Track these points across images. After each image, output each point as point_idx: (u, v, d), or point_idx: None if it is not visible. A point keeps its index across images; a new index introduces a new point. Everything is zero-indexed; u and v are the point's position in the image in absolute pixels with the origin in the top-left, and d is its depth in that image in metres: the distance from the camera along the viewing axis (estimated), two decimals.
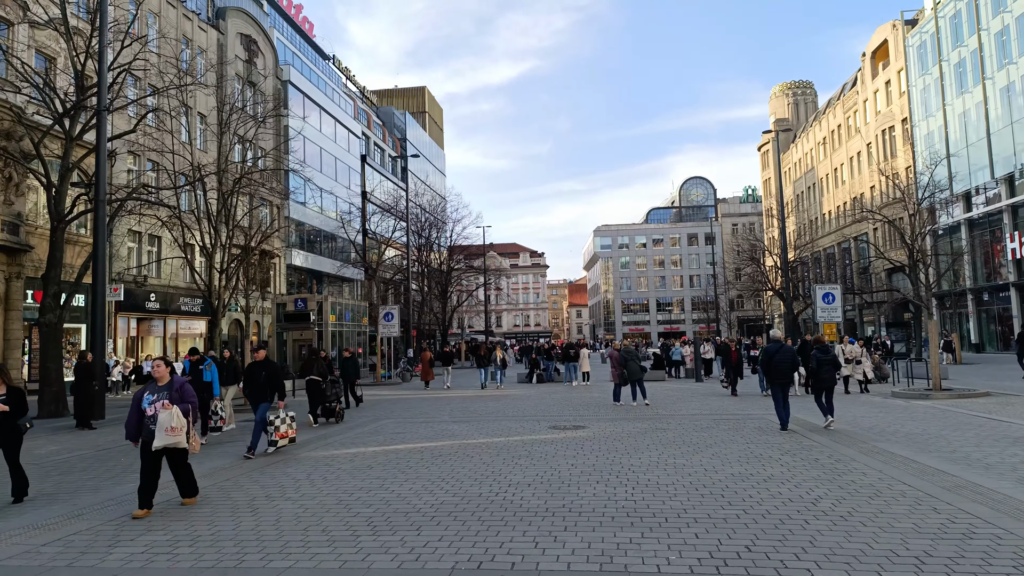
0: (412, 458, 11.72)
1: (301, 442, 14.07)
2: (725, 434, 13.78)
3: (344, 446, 13.44)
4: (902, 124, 57.75)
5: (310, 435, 15.24)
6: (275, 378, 12.80)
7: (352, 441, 14.09)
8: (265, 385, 12.78)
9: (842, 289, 32.23)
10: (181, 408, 8.51)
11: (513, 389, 28.92)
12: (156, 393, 8.61)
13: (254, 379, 12.88)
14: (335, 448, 13.22)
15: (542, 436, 14.07)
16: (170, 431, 8.30)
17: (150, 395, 8.59)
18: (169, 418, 8.32)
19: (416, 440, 13.93)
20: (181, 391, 8.69)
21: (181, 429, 8.40)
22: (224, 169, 29.65)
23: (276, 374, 12.84)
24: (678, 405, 19.97)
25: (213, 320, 30.43)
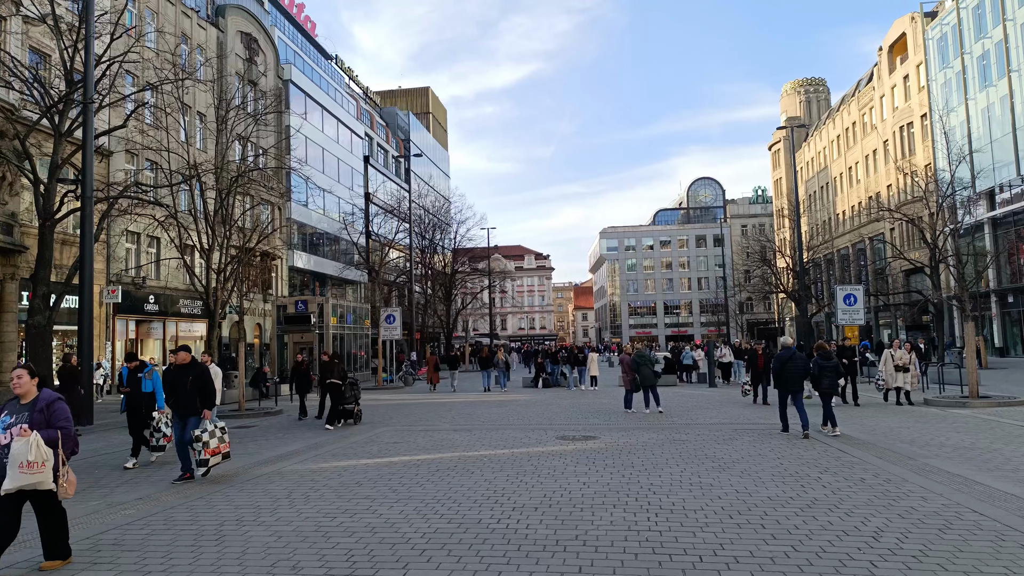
0: (407, 473, 10.56)
1: (289, 453, 12.95)
2: (750, 446, 12.59)
3: (335, 458, 12.29)
4: (921, 120, 56.32)
5: (300, 445, 14.11)
6: (204, 385, 10.85)
7: (344, 452, 12.94)
8: (193, 394, 10.76)
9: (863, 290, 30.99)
10: (45, 435, 6.22)
11: (518, 394, 27.76)
12: (15, 414, 6.39)
13: (176, 387, 10.88)
14: (324, 460, 12.07)
15: (550, 448, 12.90)
16: (26, 467, 6.03)
17: (7, 416, 6.39)
18: (25, 449, 6.03)
19: (413, 451, 12.77)
20: (48, 411, 6.42)
21: (43, 464, 6.11)
22: (221, 167, 28.62)
23: (205, 380, 10.90)
24: (694, 413, 18.77)
25: (211, 323, 29.43)
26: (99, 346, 32.47)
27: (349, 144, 63.37)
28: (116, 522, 8.01)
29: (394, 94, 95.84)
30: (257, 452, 13.35)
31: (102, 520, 8.13)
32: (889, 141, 61.69)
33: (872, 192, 64.69)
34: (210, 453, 10.50)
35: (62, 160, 21.41)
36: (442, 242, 66.99)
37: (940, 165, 49.11)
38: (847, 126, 71.64)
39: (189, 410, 10.77)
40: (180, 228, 28.41)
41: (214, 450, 10.59)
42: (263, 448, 13.93)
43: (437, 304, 64.14)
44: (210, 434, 10.54)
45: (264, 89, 46.81)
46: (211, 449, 10.52)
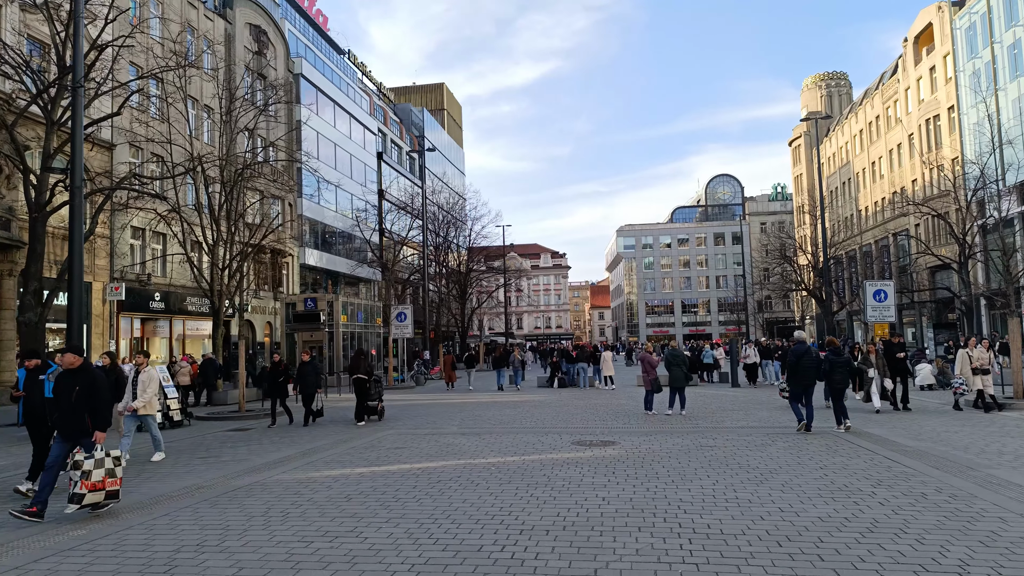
0: (404, 485, 9.42)
1: (280, 460, 11.86)
2: (787, 454, 11.38)
3: (328, 466, 11.18)
4: (948, 112, 54.67)
5: (294, 450, 13.01)
6: (93, 398, 8.21)
7: (340, 459, 11.83)
8: (79, 409, 8.19)
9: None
10: None
11: (532, 394, 26.59)
12: None
13: (60, 399, 8.30)
14: (316, 468, 10.96)
15: (565, 455, 11.75)
16: None
17: None
18: None
19: (415, 459, 11.65)
20: None
21: None
22: (226, 159, 27.67)
23: (94, 391, 8.25)
24: (720, 416, 17.54)
25: (216, 321, 28.51)
26: (102, 345, 31.60)
27: (362, 140, 62.40)
28: (59, 546, 6.92)
29: (408, 90, 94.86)
30: (246, 458, 12.26)
31: (43, 544, 7.03)
32: (914, 135, 60.00)
33: (896, 187, 63.04)
34: (89, 487, 7.84)
35: (54, 150, 20.44)
36: (456, 239, 65.91)
37: (969, 158, 47.61)
38: (870, 120, 69.95)
39: (73, 429, 8.20)
40: (183, 223, 27.50)
41: (96, 484, 7.91)
42: (254, 453, 12.84)
43: (451, 303, 63.07)
44: (96, 463, 7.97)
45: (274, 83, 45.92)
46: (92, 483, 7.88)
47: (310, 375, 17.92)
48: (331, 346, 37.59)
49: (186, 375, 24.23)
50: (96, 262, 31.08)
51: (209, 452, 13.13)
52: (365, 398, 17.94)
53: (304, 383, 17.75)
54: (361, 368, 18.24)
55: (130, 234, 33.46)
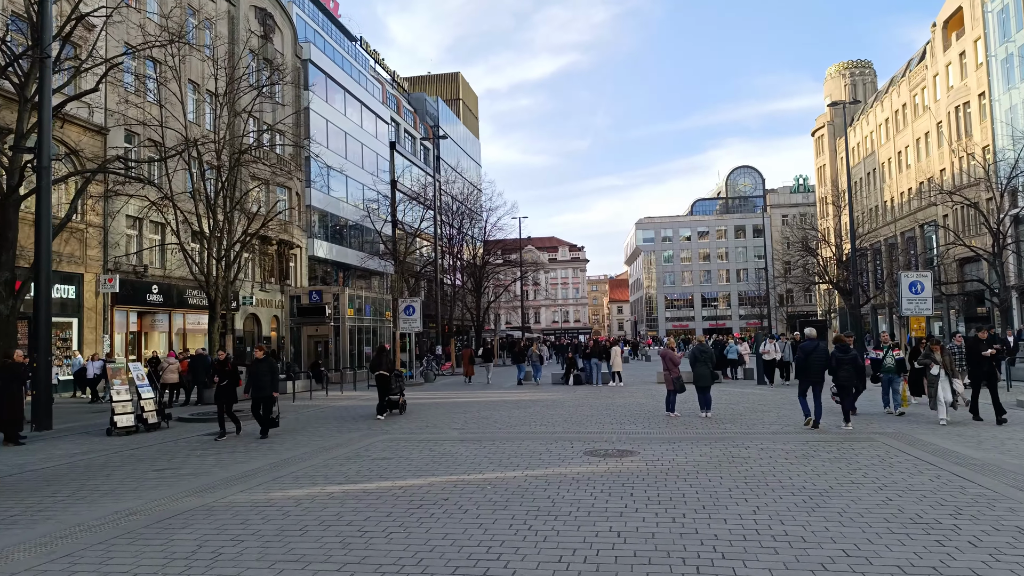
0: (377, 512, 7.82)
1: (245, 473, 10.29)
2: (835, 468, 9.69)
3: (297, 482, 9.59)
4: (979, 99, 52.51)
5: (264, 461, 11.43)
6: None
7: (314, 473, 10.25)
8: None
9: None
10: None
11: (546, 392, 24.96)
12: None
13: None
14: (283, 486, 9.38)
15: (575, 468, 10.11)
16: None
17: None
18: None
19: (400, 473, 10.04)
20: None
21: None
22: (223, 143, 26.12)
23: None
24: (749, 418, 15.82)
25: (212, 314, 27.05)
26: (96, 339, 30.28)
27: (374, 129, 60.87)
28: None
29: (423, 80, 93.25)
30: (208, 471, 10.70)
31: None
32: (943, 123, 57.82)
33: (924, 177, 60.93)
34: None
35: (27, 129, 18.96)
36: (471, 231, 64.30)
37: (1001, 146, 45.52)
38: (896, 108, 67.78)
39: None
40: (176, 210, 26.00)
41: None
42: (221, 464, 11.28)
43: (467, 296, 61.52)
44: None
45: (279, 66, 44.44)
46: None
47: (264, 376, 14.61)
48: (337, 341, 36.17)
49: (174, 372, 22.80)
50: (88, 252, 29.72)
51: (171, 462, 11.59)
52: (387, 393, 18.04)
53: (257, 385, 14.59)
54: (383, 364, 18.38)
55: (125, 223, 32.08)
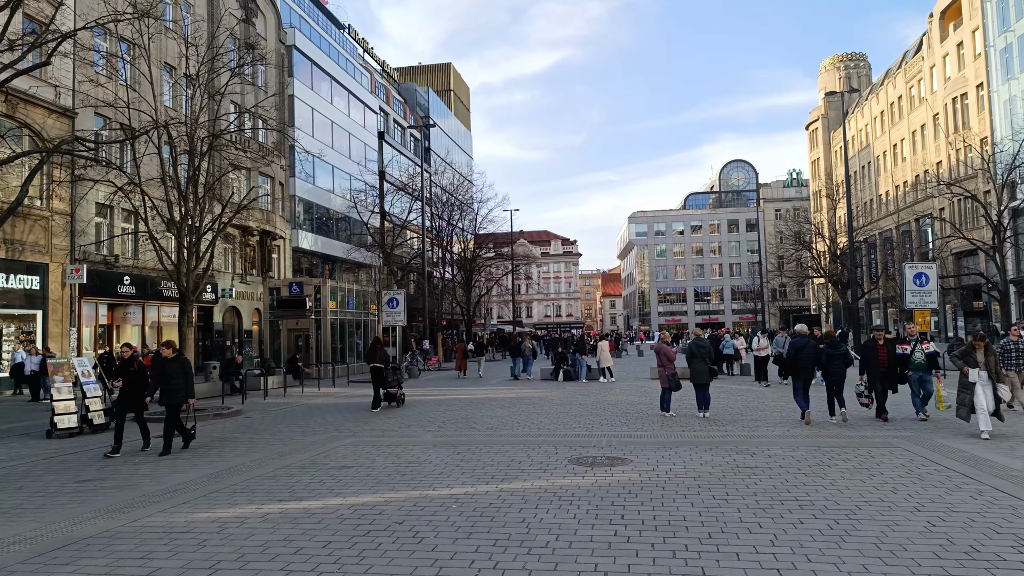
0: (313, 540, 6.48)
1: (177, 486, 8.94)
2: (857, 482, 8.39)
3: (232, 498, 8.24)
4: (976, 90, 51.38)
5: (204, 470, 10.06)
6: None
7: (256, 486, 8.90)
8: None
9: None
10: None
11: (533, 389, 23.65)
12: None
13: None
14: (213, 503, 8.02)
15: (557, 481, 8.79)
16: None
17: None
18: None
19: (356, 487, 8.70)
20: None
21: None
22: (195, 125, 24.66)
23: None
24: (752, 420, 14.51)
25: (182, 306, 25.65)
26: (62, 332, 28.84)
27: (362, 119, 59.36)
28: None
29: (414, 71, 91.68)
30: (137, 483, 9.33)
31: None
32: (940, 114, 56.70)
33: (920, 170, 59.89)
34: None
35: None
36: (461, 223, 62.87)
37: (998, 137, 44.49)
38: (892, 100, 66.73)
39: None
40: (144, 196, 24.54)
41: None
42: (152, 475, 9.91)
43: (456, 289, 60.13)
44: None
45: (261, 50, 42.93)
46: None
47: (175, 378, 12.29)
48: (318, 335, 34.77)
49: None
50: (54, 241, 28.25)
51: (101, 471, 10.23)
52: (384, 386, 18.12)
53: (166, 390, 12.26)
54: (378, 357, 18.25)
55: (94, 210, 30.61)
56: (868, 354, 14.25)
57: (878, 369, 13.96)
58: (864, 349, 14.62)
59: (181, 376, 12.37)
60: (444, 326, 60.32)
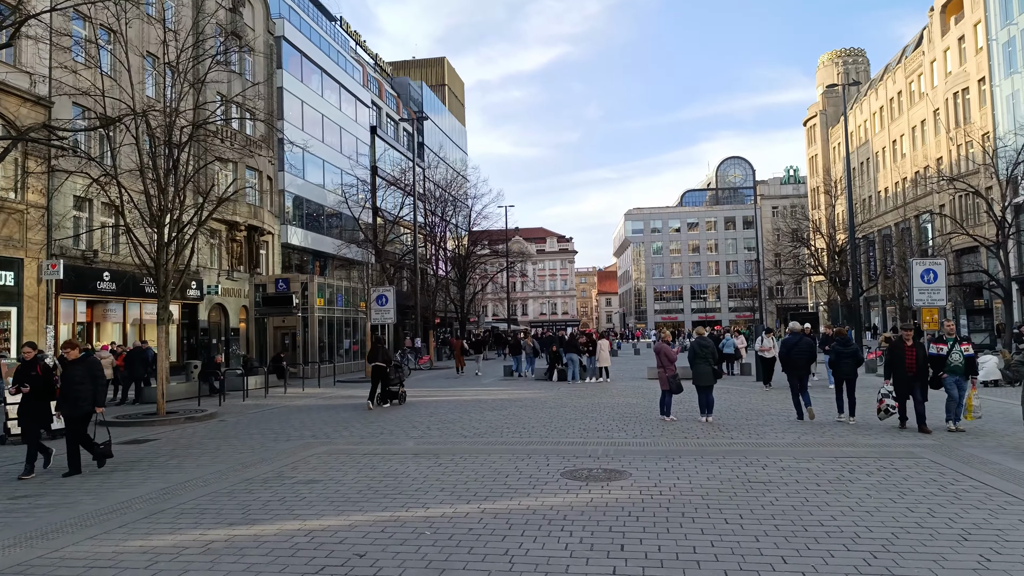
0: None
1: (129, 501, 7.94)
2: (887, 502, 7.41)
3: (175, 521, 7.23)
4: (978, 84, 50.49)
5: (157, 484, 9.06)
6: None
7: (209, 504, 7.89)
8: None
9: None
10: None
11: (527, 389, 22.67)
12: None
13: None
14: (150, 528, 7.02)
15: (547, 499, 7.80)
16: None
17: None
18: None
19: (320, 506, 7.71)
20: None
21: None
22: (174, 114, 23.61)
23: None
24: (759, 426, 13.52)
25: (162, 303, 24.63)
26: (38, 330, 27.77)
27: (353, 113, 58.25)
28: None
29: (407, 65, 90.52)
30: (74, 501, 8.30)
31: None
32: (940, 110, 55.83)
33: (920, 166, 59.04)
34: None
35: None
36: (455, 219, 61.83)
37: (1001, 132, 43.65)
38: (891, 96, 65.86)
39: None
40: (121, 188, 23.48)
41: None
42: (97, 491, 8.88)
43: (450, 286, 59.11)
44: None
45: (246, 39, 41.81)
46: None
47: (79, 384, 10.26)
48: (305, 333, 33.75)
49: (108, 367, 20.34)
50: (29, 235, 27.16)
51: (42, 486, 9.21)
52: (386, 384, 18.24)
53: (69, 398, 10.23)
54: (379, 356, 18.45)
55: (72, 203, 29.53)
56: (895, 356, 12.60)
57: (905, 373, 12.28)
58: (890, 350, 12.94)
59: (89, 381, 10.28)
60: (438, 324, 59.34)
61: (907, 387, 12.33)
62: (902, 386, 12.39)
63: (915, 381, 12.26)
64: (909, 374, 12.24)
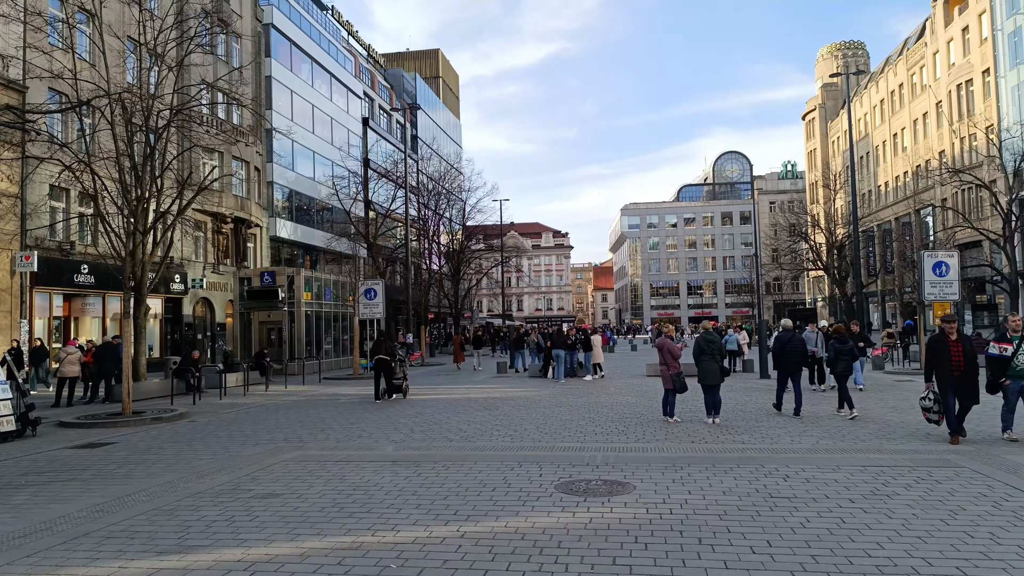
0: None
1: (55, 519, 6.80)
2: (939, 524, 6.32)
3: (96, 548, 6.11)
4: (983, 76, 49.46)
5: (96, 499, 7.95)
6: None
7: (145, 524, 6.77)
8: None
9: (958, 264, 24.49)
10: None
11: (520, 387, 21.55)
12: None
13: None
14: (62, 558, 5.89)
15: (539, 518, 6.69)
16: None
17: None
18: None
19: (272, 527, 6.60)
20: None
21: None
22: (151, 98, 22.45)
23: None
24: (769, 427, 12.42)
25: (137, 297, 23.51)
26: (12, 324, 26.61)
27: (345, 104, 57.04)
28: None
29: (401, 57, 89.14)
30: None
31: None
32: (943, 102, 54.80)
33: (921, 160, 58.02)
34: None
35: None
36: (449, 213, 60.65)
37: (1006, 124, 42.73)
38: (892, 89, 64.89)
39: None
40: (95, 176, 22.32)
41: None
42: (24, 506, 7.74)
43: (443, 281, 57.95)
44: None
45: (239, 32, 40.57)
46: None
47: None
48: (292, 327, 32.56)
49: (75, 364, 19.17)
50: (0, 225, 25.99)
51: None
52: (390, 377, 18.69)
53: None
54: (383, 350, 18.97)
55: (48, 192, 28.33)
56: (935, 354, 10.72)
57: (950, 373, 10.39)
58: (930, 348, 10.95)
59: None
60: (431, 319, 58.17)
61: (953, 390, 10.45)
62: (946, 389, 10.50)
63: (961, 383, 10.39)
64: (955, 375, 10.38)
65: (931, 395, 10.73)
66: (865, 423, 12.45)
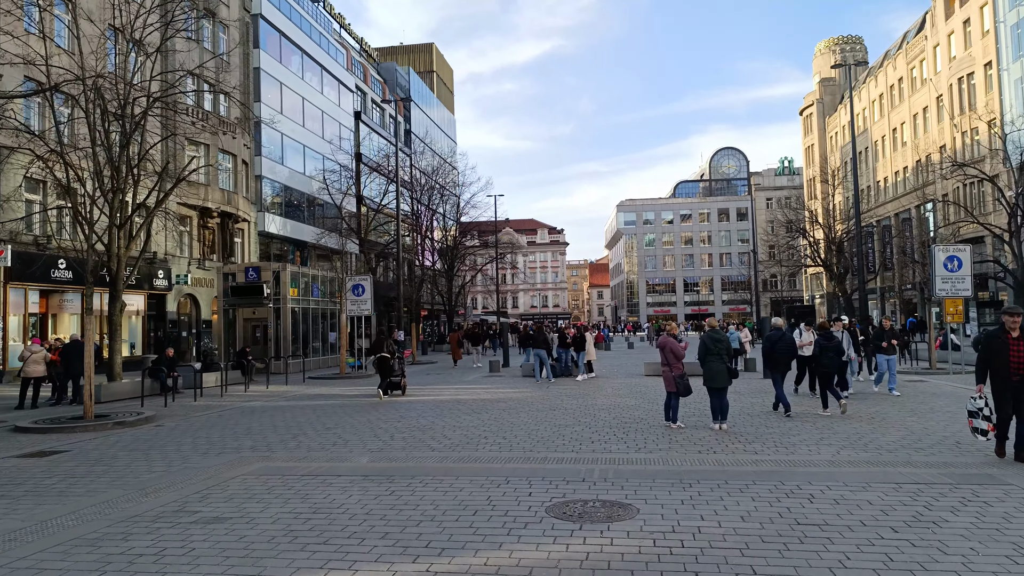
0: None
1: None
2: (999, 552, 5.29)
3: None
4: (984, 69, 48.51)
5: (18, 521, 6.87)
6: None
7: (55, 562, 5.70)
8: None
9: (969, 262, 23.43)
10: None
11: (512, 388, 20.47)
12: None
13: None
14: None
15: (526, 553, 5.64)
16: None
17: None
18: None
19: (203, 566, 5.55)
20: None
21: None
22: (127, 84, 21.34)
23: None
24: (782, 434, 11.37)
25: (112, 292, 22.48)
26: None
27: (336, 97, 55.93)
28: None
29: (394, 51, 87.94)
30: None
31: None
32: (944, 96, 53.84)
33: (922, 155, 57.11)
34: None
35: None
36: (443, 208, 59.55)
37: (1009, 118, 41.85)
38: (892, 83, 63.96)
39: None
40: (67, 167, 21.21)
41: None
42: None
43: (437, 278, 56.88)
44: None
45: (226, 21, 39.43)
46: None
47: None
48: (277, 325, 31.41)
49: (39, 363, 18.05)
50: None
51: None
52: (389, 374, 18.83)
53: None
54: (384, 348, 19.14)
55: (23, 184, 27.20)
56: (992, 353, 8.96)
57: (1008, 376, 8.72)
58: (986, 345, 9.13)
59: None
60: (425, 316, 57.10)
61: (1012, 397, 8.77)
62: (1004, 396, 8.85)
63: (1021, 390, 8.69)
64: (1014, 379, 8.69)
65: (982, 399, 9.16)
66: (887, 430, 11.40)
